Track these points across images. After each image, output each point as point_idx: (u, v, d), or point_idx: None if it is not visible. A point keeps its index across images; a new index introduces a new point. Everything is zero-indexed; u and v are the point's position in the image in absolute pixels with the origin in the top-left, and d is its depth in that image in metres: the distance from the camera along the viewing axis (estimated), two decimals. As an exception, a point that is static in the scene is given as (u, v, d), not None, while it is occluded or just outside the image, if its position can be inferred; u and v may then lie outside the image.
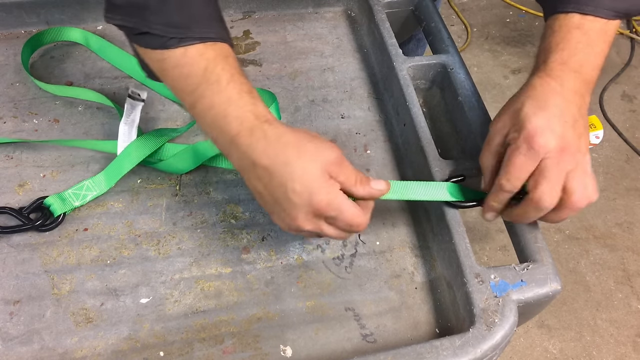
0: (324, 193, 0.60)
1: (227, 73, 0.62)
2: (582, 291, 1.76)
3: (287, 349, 0.69)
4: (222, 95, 0.62)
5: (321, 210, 0.61)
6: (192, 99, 0.63)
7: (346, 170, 0.63)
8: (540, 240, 0.71)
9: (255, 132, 0.61)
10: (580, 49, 0.67)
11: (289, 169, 0.60)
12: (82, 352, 0.67)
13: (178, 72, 0.63)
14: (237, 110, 0.62)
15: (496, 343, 0.63)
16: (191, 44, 0.62)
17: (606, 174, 2.06)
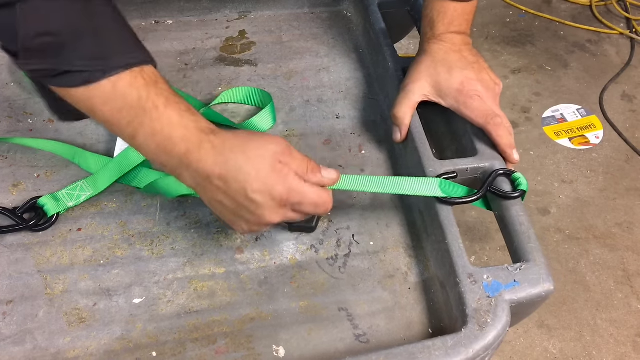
0: (281, 183, 0.62)
1: (162, 98, 0.61)
2: (582, 291, 1.75)
3: (280, 349, 0.69)
4: (163, 120, 0.61)
5: (284, 200, 0.63)
6: (131, 130, 0.61)
7: (296, 158, 0.64)
8: (534, 240, 0.70)
9: (202, 145, 0.61)
10: (455, 17, 0.85)
11: (242, 172, 0.61)
12: (74, 352, 0.67)
13: (110, 107, 0.60)
14: (181, 130, 0.61)
15: (488, 343, 0.63)
16: (117, 74, 0.59)
17: (606, 174, 2.05)
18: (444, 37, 0.85)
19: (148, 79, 0.61)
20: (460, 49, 0.84)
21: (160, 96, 0.61)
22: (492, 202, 0.77)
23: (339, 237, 0.79)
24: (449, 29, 0.85)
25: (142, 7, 1.06)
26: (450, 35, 0.85)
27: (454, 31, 0.85)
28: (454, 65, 0.83)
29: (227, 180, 0.61)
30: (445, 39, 0.85)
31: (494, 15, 2.70)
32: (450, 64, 0.83)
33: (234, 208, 0.64)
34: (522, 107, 2.26)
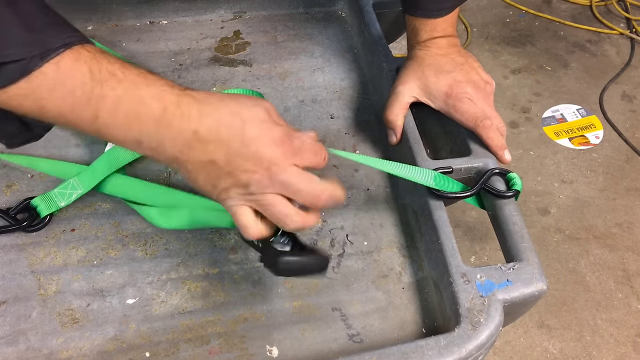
0: (279, 127, 0.56)
1: (116, 64, 0.54)
2: (582, 291, 1.75)
3: (274, 350, 0.69)
4: (126, 84, 0.53)
5: (286, 142, 0.56)
6: (91, 110, 0.53)
7: (282, 118, 0.59)
8: (527, 240, 0.70)
9: (182, 100, 0.54)
10: (438, 24, 0.85)
11: (237, 117, 0.55)
12: (67, 352, 0.67)
13: (60, 92, 0.52)
14: (151, 89, 0.54)
15: (481, 343, 0.63)
16: (57, 55, 0.51)
17: (606, 174, 2.05)
18: (429, 43, 0.85)
19: (93, 51, 0.54)
20: (446, 52, 0.85)
21: (114, 64, 0.54)
22: (486, 200, 0.77)
23: (332, 237, 0.78)
24: (432, 35, 0.85)
25: (136, 8, 1.06)
26: (436, 40, 0.85)
27: (438, 36, 0.85)
28: (441, 68, 0.83)
29: (218, 130, 0.54)
30: (431, 44, 0.85)
31: (494, 15, 2.70)
32: (438, 67, 0.83)
33: (225, 164, 0.55)
34: (522, 107, 2.26)
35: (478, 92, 0.82)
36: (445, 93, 0.81)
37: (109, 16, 1.06)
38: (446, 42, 0.85)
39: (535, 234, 1.87)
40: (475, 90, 0.82)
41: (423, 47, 0.86)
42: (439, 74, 0.83)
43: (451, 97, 0.81)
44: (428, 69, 0.83)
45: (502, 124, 0.81)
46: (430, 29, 0.85)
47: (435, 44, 0.85)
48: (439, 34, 0.85)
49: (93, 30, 1.04)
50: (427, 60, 0.84)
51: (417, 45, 0.86)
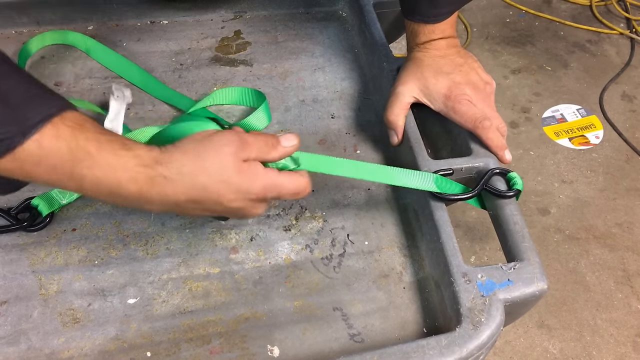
0: (254, 184, 0.61)
1: (92, 142, 0.55)
2: (582, 291, 1.75)
3: (275, 349, 0.69)
4: (102, 166, 0.56)
5: (262, 197, 0.62)
6: (75, 183, 0.56)
7: (253, 145, 0.62)
8: (528, 239, 0.70)
9: (155, 181, 0.58)
10: (437, 26, 0.85)
11: (211, 190, 0.59)
12: (68, 352, 0.67)
13: (44, 167, 0.55)
14: (125, 172, 0.56)
15: (482, 342, 0.63)
16: (37, 131, 0.53)
17: (606, 174, 2.05)
18: (427, 45, 0.85)
19: (72, 124, 0.55)
20: (445, 53, 0.85)
21: (90, 141, 0.55)
22: (487, 201, 0.77)
23: (333, 237, 0.79)
24: (431, 37, 0.85)
25: (137, 7, 1.06)
26: (434, 42, 0.85)
27: (437, 38, 0.85)
28: (440, 70, 0.83)
29: (198, 201, 0.60)
30: (429, 46, 0.85)
31: (494, 15, 2.70)
32: (437, 68, 0.83)
33: (216, 215, 0.65)
34: (522, 107, 2.26)
35: (477, 93, 0.82)
36: (444, 95, 0.82)
37: (110, 16, 1.06)
38: (445, 43, 0.85)
39: (536, 234, 1.87)
40: (474, 91, 0.82)
41: (422, 49, 0.86)
42: (438, 75, 0.83)
43: (450, 99, 0.81)
44: (427, 71, 0.83)
45: (502, 124, 0.81)
46: (429, 31, 0.85)
47: (434, 45, 0.85)
48: (437, 36, 0.85)
49: (94, 30, 1.04)
50: (426, 62, 0.84)
51: (415, 47, 0.87)
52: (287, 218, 0.80)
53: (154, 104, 0.93)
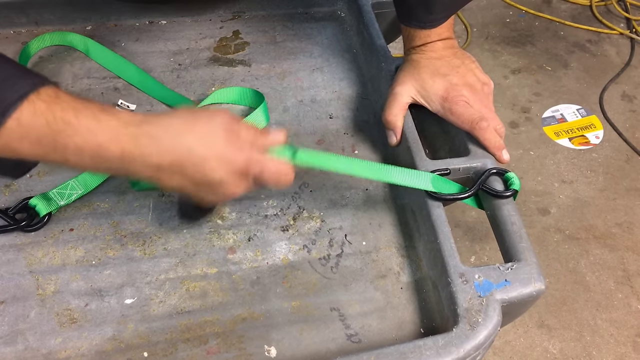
0: (239, 155, 0.61)
1: (69, 111, 0.56)
2: (582, 291, 1.75)
3: (272, 349, 0.69)
4: (82, 132, 0.56)
5: (245, 172, 0.62)
6: (60, 155, 0.57)
7: (243, 125, 0.64)
8: (525, 240, 0.70)
9: (139, 140, 0.58)
10: (433, 30, 0.85)
11: (196, 153, 0.59)
12: (65, 352, 0.67)
13: (28, 143, 0.56)
14: (105, 133, 0.57)
15: (479, 343, 0.63)
16: (15, 110, 0.54)
17: (606, 174, 2.05)
18: (424, 48, 0.86)
19: (48, 98, 0.56)
20: (441, 55, 0.85)
21: (67, 110, 0.56)
22: (484, 200, 0.77)
23: (331, 237, 0.79)
24: (427, 40, 0.85)
25: (135, 7, 1.06)
26: (431, 44, 0.85)
27: (433, 40, 0.85)
28: (437, 71, 0.83)
29: (181, 165, 0.59)
30: (426, 48, 0.85)
31: (494, 15, 2.70)
32: (434, 70, 0.83)
33: (194, 187, 0.62)
34: (522, 107, 2.26)
35: (475, 94, 0.82)
36: (441, 97, 0.82)
37: (108, 16, 1.06)
38: (442, 45, 0.85)
39: (535, 233, 1.87)
40: (471, 92, 0.82)
41: (418, 51, 0.86)
42: (434, 77, 0.83)
43: (447, 100, 0.81)
44: (424, 72, 0.83)
45: (500, 124, 0.81)
46: (425, 35, 0.85)
47: (431, 47, 0.85)
48: (434, 39, 0.85)
49: (92, 30, 1.04)
50: (423, 63, 0.84)
51: (412, 50, 0.87)
52: (284, 218, 0.80)
53: (152, 104, 0.93)
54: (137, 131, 0.58)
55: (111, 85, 0.95)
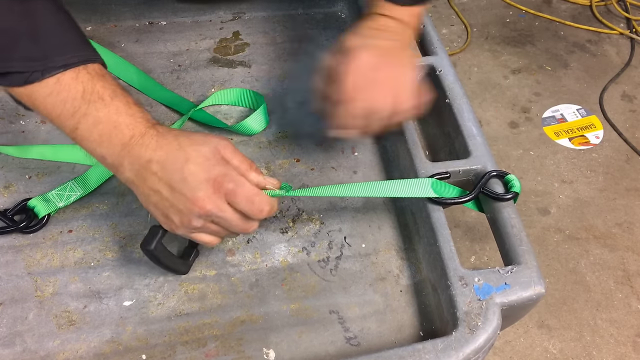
0: (219, 166, 0.62)
1: (108, 90, 0.62)
2: (582, 291, 1.75)
3: (270, 352, 0.69)
4: (110, 109, 0.62)
5: (219, 184, 0.62)
6: (73, 121, 0.62)
7: (239, 155, 0.65)
8: (525, 243, 0.70)
9: (148, 132, 0.62)
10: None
11: (182, 152, 0.61)
12: (64, 354, 0.67)
13: (53, 100, 0.61)
14: (128, 118, 0.62)
15: (479, 346, 0.63)
16: (58, 72, 0.60)
17: (606, 174, 2.05)
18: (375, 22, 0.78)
19: (93, 73, 0.63)
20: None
21: (106, 89, 0.62)
22: (484, 203, 0.77)
23: (330, 240, 0.78)
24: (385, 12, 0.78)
25: (135, 8, 1.06)
26: (385, 20, 0.78)
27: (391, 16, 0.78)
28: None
29: (165, 163, 0.61)
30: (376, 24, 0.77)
31: (494, 15, 2.69)
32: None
33: (169, 195, 0.62)
34: (522, 107, 2.26)
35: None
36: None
37: (108, 17, 1.06)
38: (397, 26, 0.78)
39: (535, 234, 1.86)
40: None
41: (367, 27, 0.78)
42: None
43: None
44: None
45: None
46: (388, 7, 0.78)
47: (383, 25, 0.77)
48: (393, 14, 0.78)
49: (92, 31, 1.04)
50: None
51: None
52: (284, 220, 0.80)
53: (152, 106, 0.93)
54: (150, 126, 0.63)
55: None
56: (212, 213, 0.63)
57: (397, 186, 0.73)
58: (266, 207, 0.66)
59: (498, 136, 2.14)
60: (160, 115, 0.92)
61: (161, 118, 0.91)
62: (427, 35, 0.96)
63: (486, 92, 2.28)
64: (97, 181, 0.81)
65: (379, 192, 0.73)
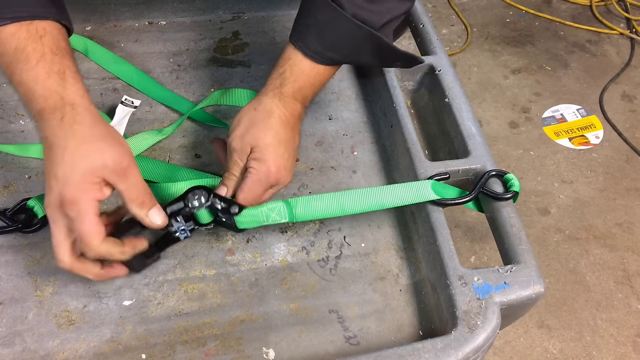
0: (75, 189, 0.60)
1: (37, 53, 0.63)
2: (582, 291, 1.75)
3: (270, 352, 0.69)
4: (30, 74, 0.63)
5: (64, 204, 0.60)
6: (8, 74, 0.65)
7: (130, 181, 0.63)
8: (525, 242, 0.70)
9: (56, 112, 0.62)
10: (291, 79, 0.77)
11: (61, 154, 0.60)
12: (63, 354, 0.67)
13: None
14: (43, 89, 0.62)
15: (478, 346, 0.63)
16: (3, 25, 0.63)
17: (606, 174, 2.04)
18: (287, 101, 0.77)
19: (34, 32, 0.64)
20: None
21: (36, 51, 0.63)
22: (484, 203, 0.77)
23: (330, 239, 0.78)
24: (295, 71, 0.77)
25: (135, 8, 1.06)
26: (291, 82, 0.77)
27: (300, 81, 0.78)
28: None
29: (49, 152, 0.61)
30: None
31: (494, 15, 2.69)
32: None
33: (46, 174, 0.63)
34: (522, 107, 2.25)
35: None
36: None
37: (108, 17, 1.06)
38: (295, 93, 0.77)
39: (535, 234, 1.86)
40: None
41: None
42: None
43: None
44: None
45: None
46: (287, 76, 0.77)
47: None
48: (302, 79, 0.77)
49: (91, 31, 1.04)
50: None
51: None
52: (283, 220, 0.80)
53: (151, 105, 0.93)
54: (61, 107, 0.62)
55: (110, 86, 0.95)
56: (53, 224, 0.62)
57: (397, 192, 0.73)
58: (94, 246, 0.62)
59: (498, 136, 2.14)
60: (160, 115, 0.92)
61: (160, 118, 0.91)
62: (426, 35, 0.96)
63: (486, 92, 2.28)
64: None
65: (381, 203, 0.73)
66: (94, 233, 0.61)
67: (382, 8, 0.74)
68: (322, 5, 0.74)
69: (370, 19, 0.74)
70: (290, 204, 0.72)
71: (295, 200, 0.72)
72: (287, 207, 0.72)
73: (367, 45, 0.76)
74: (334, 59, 0.77)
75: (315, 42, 0.75)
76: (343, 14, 0.73)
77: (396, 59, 0.81)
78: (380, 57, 0.79)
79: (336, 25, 0.74)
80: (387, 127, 0.89)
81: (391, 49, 0.78)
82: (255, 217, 0.72)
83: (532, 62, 2.45)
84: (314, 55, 0.76)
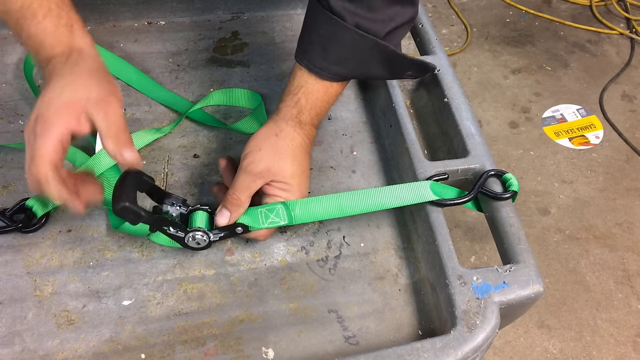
0: (52, 112, 0.61)
1: (43, 8, 0.66)
2: (582, 291, 1.75)
3: (269, 351, 0.69)
4: (39, 27, 0.66)
5: (37, 122, 0.61)
6: (17, 30, 0.67)
7: (110, 118, 0.63)
8: (524, 242, 0.70)
9: (63, 55, 0.66)
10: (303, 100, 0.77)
11: (54, 84, 0.63)
12: (63, 354, 0.67)
13: (1, 7, 0.67)
14: (53, 39, 0.66)
15: (477, 345, 0.63)
16: None
17: (606, 174, 2.05)
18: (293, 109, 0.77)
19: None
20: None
21: (42, 7, 0.66)
22: (483, 203, 0.77)
23: (329, 239, 0.78)
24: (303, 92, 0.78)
25: (134, 8, 1.06)
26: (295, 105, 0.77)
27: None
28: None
29: (48, 81, 0.64)
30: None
31: (494, 15, 2.70)
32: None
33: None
34: (522, 107, 2.26)
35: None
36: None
37: (107, 16, 1.06)
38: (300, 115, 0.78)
39: (535, 234, 1.87)
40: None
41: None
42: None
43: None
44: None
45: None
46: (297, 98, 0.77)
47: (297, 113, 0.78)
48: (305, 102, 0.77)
49: (91, 31, 1.01)
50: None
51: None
52: (282, 219, 0.80)
53: (151, 105, 0.93)
54: (69, 51, 0.67)
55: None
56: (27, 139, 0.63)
57: (396, 193, 0.73)
58: (37, 170, 0.61)
59: (498, 136, 2.14)
60: (159, 115, 0.92)
61: (160, 117, 0.91)
62: (425, 34, 0.96)
63: (486, 92, 2.28)
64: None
65: (379, 204, 0.73)
66: (46, 155, 0.60)
67: (384, 16, 0.74)
68: (324, 20, 0.73)
69: (373, 28, 0.73)
70: (289, 206, 0.72)
71: (294, 202, 0.73)
72: (286, 208, 0.72)
73: (374, 55, 0.76)
74: (341, 74, 0.77)
75: (319, 58, 0.75)
76: (345, 26, 0.72)
77: (407, 67, 0.79)
78: (389, 67, 0.78)
79: (340, 38, 0.74)
80: (386, 127, 0.89)
81: (399, 56, 0.77)
82: (254, 217, 0.72)
83: (532, 62, 2.46)
84: (319, 72, 0.76)
